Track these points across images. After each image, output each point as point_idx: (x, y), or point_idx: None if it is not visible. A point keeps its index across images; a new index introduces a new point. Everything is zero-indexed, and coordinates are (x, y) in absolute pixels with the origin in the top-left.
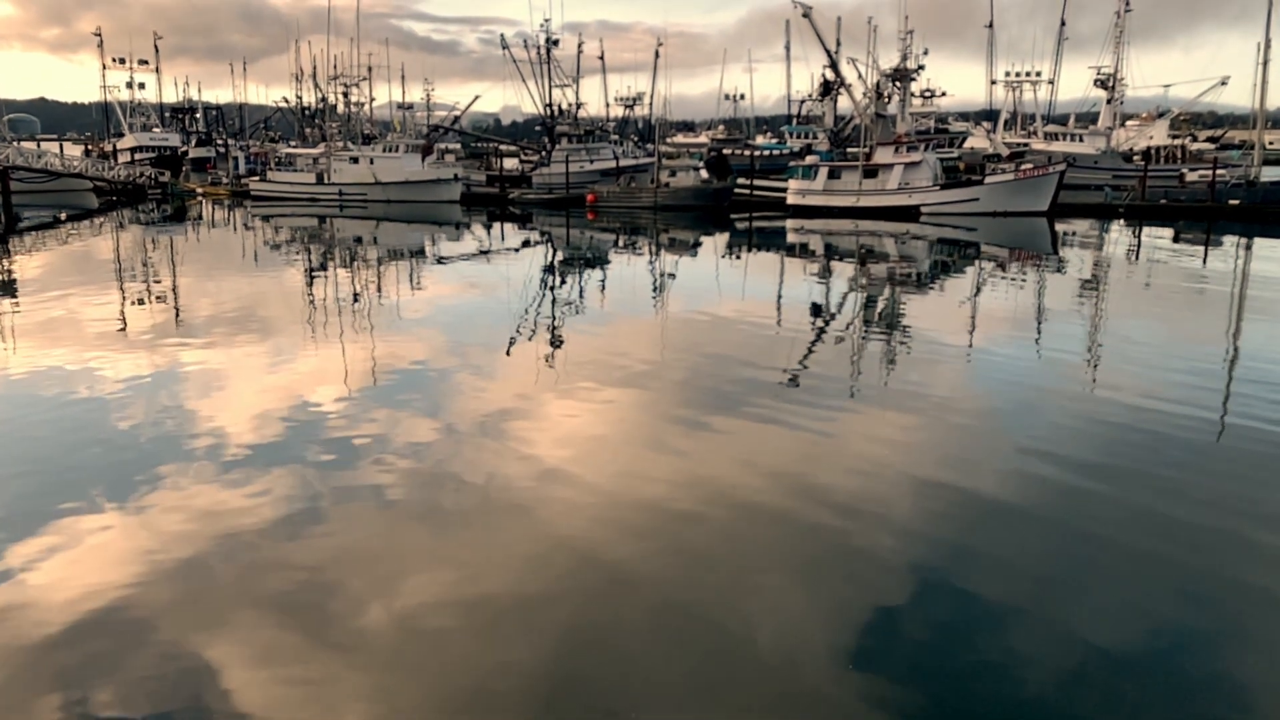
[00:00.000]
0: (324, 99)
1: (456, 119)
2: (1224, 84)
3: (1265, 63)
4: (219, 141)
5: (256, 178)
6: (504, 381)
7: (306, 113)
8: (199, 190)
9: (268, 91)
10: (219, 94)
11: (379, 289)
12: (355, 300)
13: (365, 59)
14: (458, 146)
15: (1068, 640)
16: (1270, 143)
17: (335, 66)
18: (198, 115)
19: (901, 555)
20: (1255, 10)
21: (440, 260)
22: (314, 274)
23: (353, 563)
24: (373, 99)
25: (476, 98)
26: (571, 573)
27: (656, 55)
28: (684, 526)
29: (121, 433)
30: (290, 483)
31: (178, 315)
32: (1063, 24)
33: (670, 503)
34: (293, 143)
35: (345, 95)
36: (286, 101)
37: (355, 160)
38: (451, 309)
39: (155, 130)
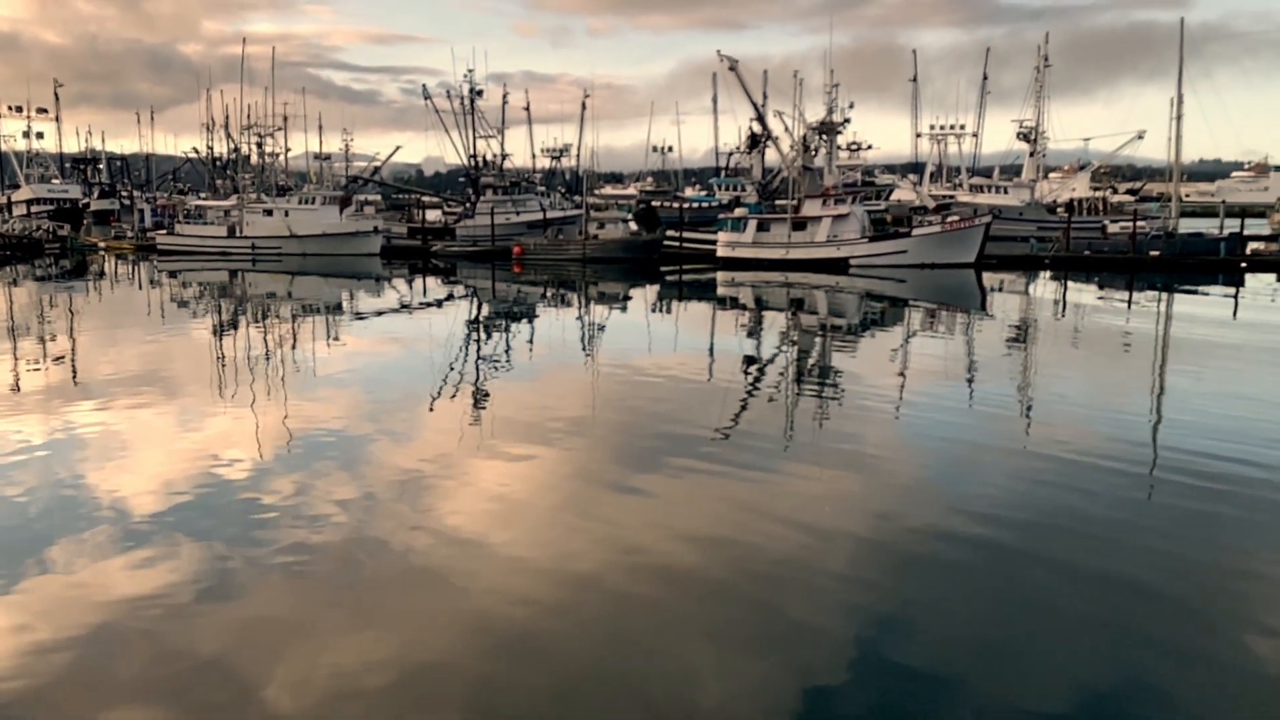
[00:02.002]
0: (236, 149)
1: (376, 170)
2: (1141, 137)
3: (1179, 118)
4: (123, 193)
5: (164, 231)
6: (425, 442)
7: (218, 163)
8: (101, 245)
9: (176, 141)
10: (124, 144)
11: (294, 347)
12: (268, 359)
13: (281, 108)
14: (378, 198)
15: (1006, 708)
16: (1186, 195)
17: (249, 116)
18: (100, 166)
19: (833, 622)
20: (1170, 66)
21: (359, 316)
22: (224, 332)
23: (263, 642)
24: (288, 149)
25: (398, 148)
26: (495, 647)
27: (584, 107)
28: (610, 595)
29: (9, 504)
30: (196, 557)
31: (75, 376)
32: (985, 78)
33: (596, 570)
34: (203, 195)
35: (259, 145)
36: (196, 152)
37: (269, 212)
38: (371, 367)
39: (54, 181)
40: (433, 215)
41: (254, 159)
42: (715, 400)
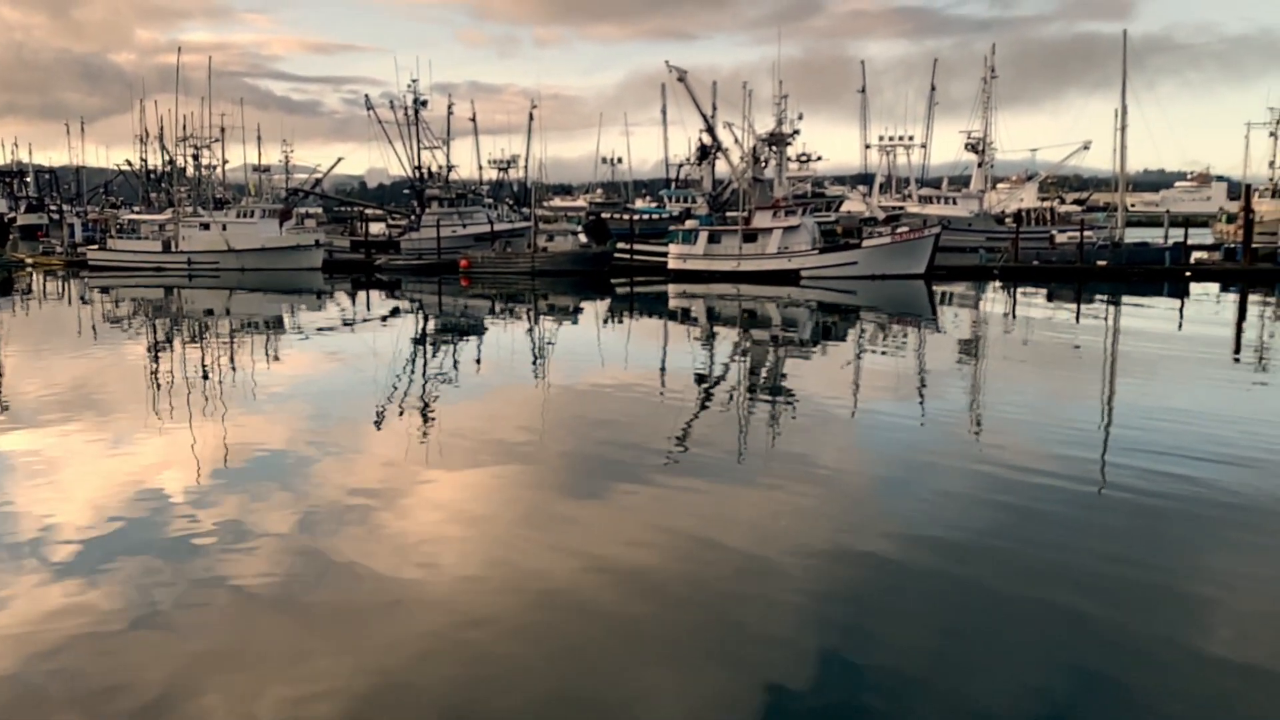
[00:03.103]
0: (171, 161)
1: (318, 182)
2: (1087, 148)
3: (1123, 128)
4: (52, 207)
5: (95, 246)
6: (372, 462)
7: (152, 176)
8: (28, 260)
9: (109, 153)
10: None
11: (232, 365)
12: (205, 378)
13: (218, 119)
14: (319, 211)
15: (965, 711)
16: (1132, 205)
17: (184, 127)
18: (28, 179)
19: (792, 635)
20: (1114, 77)
21: (300, 332)
22: (159, 350)
23: (202, 675)
24: (226, 161)
25: (339, 160)
26: (449, 672)
27: (531, 117)
28: (566, 614)
29: None
30: (131, 584)
31: None
32: (933, 89)
33: (551, 589)
34: (136, 208)
35: (195, 157)
36: (130, 164)
37: (206, 226)
38: (313, 385)
39: None
40: (376, 228)
41: (190, 171)
42: (669, 414)
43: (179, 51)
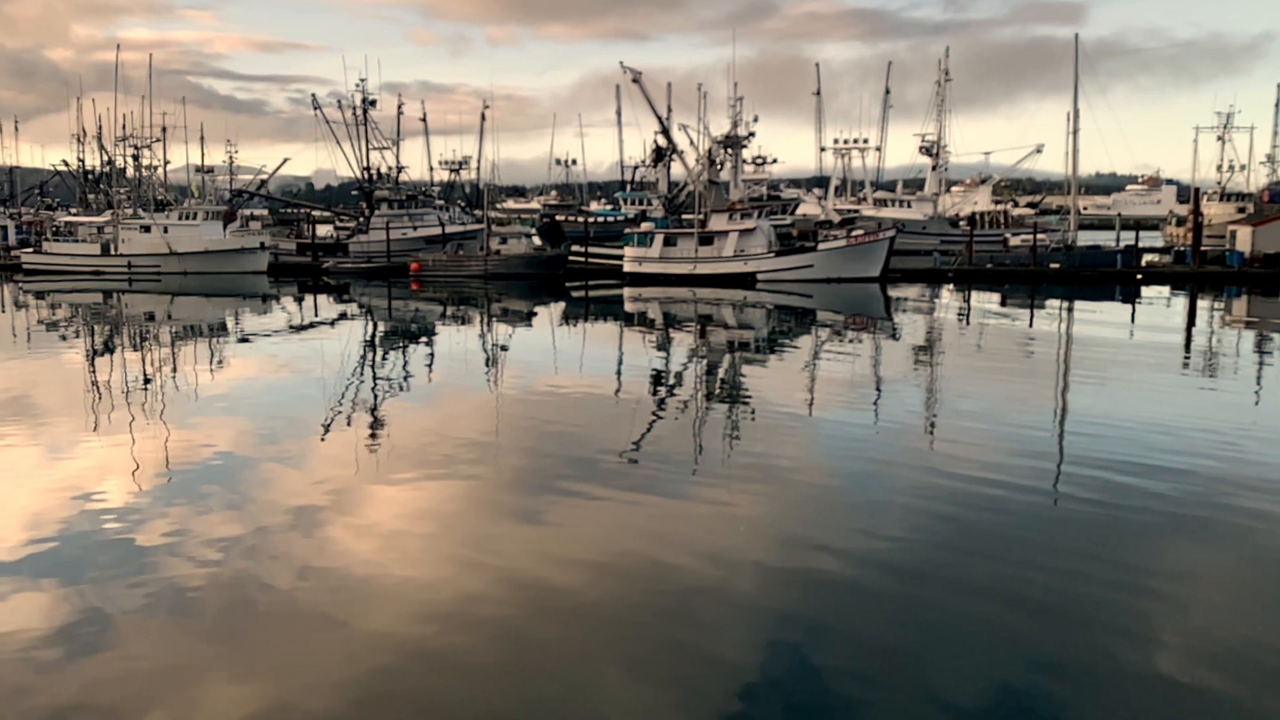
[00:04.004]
0: (110, 162)
1: (263, 183)
2: (1039, 151)
3: (1075, 131)
4: None
5: (30, 249)
6: (317, 472)
7: (90, 177)
8: None
9: (44, 154)
10: None
11: (174, 371)
12: (146, 385)
13: (159, 118)
14: (265, 213)
15: (926, 711)
16: (1084, 208)
17: (124, 126)
18: None
19: (745, 647)
20: (1068, 81)
21: (245, 338)
22: (98, 356)
23: (138, 693)
24: (167, 162)
25: (285, 160)
26: (392, 694)
27: (483, 118)
28: (520, 625)
29: None
30: (64, 602)
31: None
32: (887, 91)
33: (504, 600)
34: (73, 210)
35: (135, 158)
36: (66, 165)
37: (147, 229)
38: (258, 391)
39: None
40: (324, 230)
41: (130, 172)
42: (624, 421)
43: (118, 48)
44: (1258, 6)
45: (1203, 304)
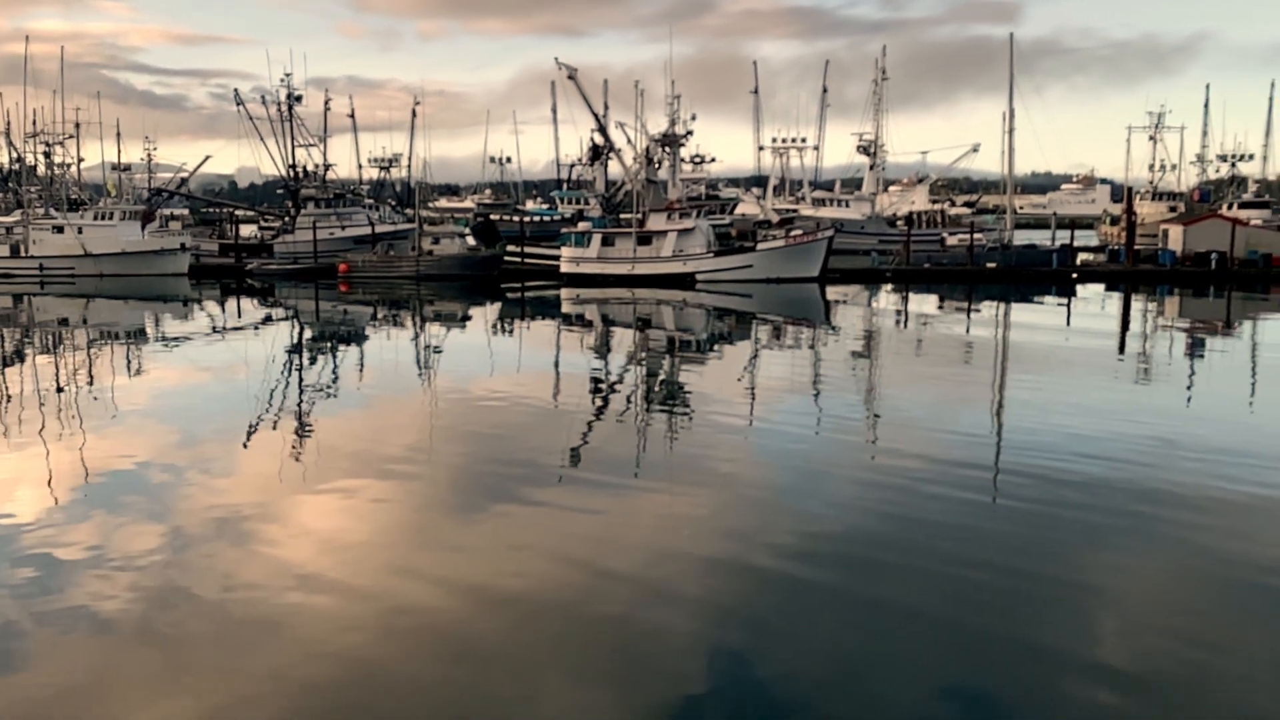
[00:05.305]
0: (20, 159)
1: (184, 181)
2: (976, 150)
3: (1011, 131)
4: None
5: None
6: (242, 481)
7: None
8: None
9: None
10: None
11: (90, 377)
12: (60, 392)
13: (72, 114)
14: (185, 212)
15: (869, 712)
16: (1020, 207)
17: (35, 122)
18: None
19: (691, 649)
20: (1005, 81)
21: (165, 342)
22: (6, 364)
23: (65, 708)
24: (81, 159)
25: (207, 158)
26: (327, 702)
27: (414, 114)
28: (458, 632)
29: None
30: None
31: None
32: (825, 90)
33: (441, 607)
34: None
35: (47, 155)
36: None
37: (60, 229)
38: (179, 398)
39: None
40: (247, 230)
41: (41, 170)
42: (562, 424)
43: (27, 40)
44: (1190, 8)
45: (1136, 304)
